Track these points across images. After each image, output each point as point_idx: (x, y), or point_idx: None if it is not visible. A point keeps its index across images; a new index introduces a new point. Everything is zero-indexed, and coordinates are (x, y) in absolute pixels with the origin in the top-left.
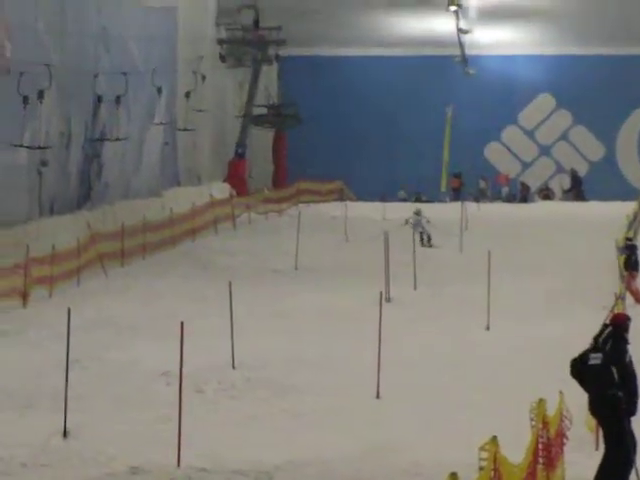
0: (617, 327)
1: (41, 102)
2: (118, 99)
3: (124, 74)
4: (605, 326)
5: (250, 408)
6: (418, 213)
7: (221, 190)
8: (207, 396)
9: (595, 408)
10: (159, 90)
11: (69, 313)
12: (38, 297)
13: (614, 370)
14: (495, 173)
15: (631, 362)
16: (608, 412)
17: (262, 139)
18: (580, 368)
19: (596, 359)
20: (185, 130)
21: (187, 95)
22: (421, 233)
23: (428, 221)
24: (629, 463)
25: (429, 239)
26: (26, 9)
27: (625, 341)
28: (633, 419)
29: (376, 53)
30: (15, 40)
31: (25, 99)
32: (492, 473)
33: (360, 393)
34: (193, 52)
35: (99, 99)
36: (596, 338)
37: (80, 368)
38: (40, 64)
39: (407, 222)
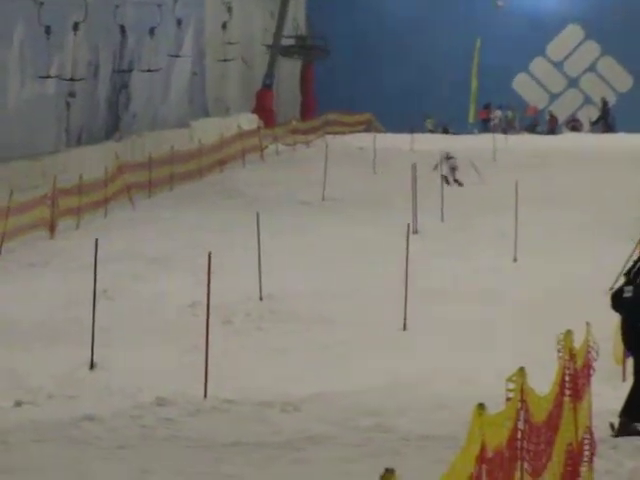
0: None
1: (75, 33)
2: (152, 30)
3: (159, 6)
4: (638, 260)
5: (277, 340)
6: (449, 157)
7: (249, 121)
8: (234, 328)
9: (627, 340)
10: (179, 22)
11: (96, 244)
12: (65, 228)
13: None
14: (523, 105)
15: None
16: (639, 344)
17: (290, 70)
18: (617, 301)
19: (629, 292)
20: (225, 61)
21: (225, 26)
22: (446, 177)
23: (455, 167)
24: None
25: (459, 183)
26: None
27: None
28: None
29: None
30: None
31: (47, 29)
32: (519, 404)
33: (387, 325)
34: None
35: (123, 29)
36: (629, 272)
37: (107, 299)
38: None
39: (436, 168)
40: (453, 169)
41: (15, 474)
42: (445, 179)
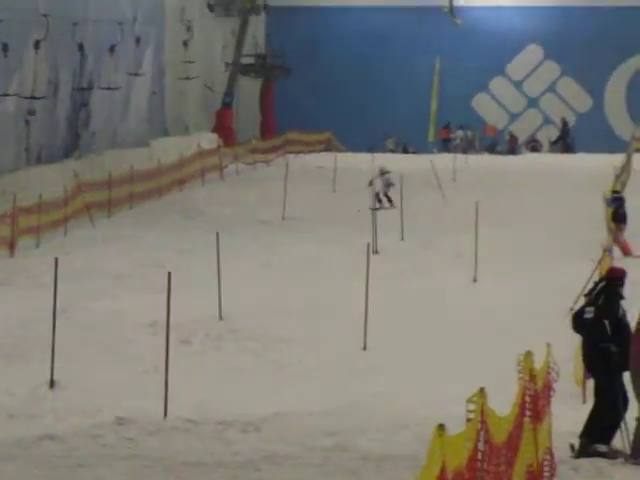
0: (611, 281)
1: (37, 52)
2: (112, 48)
3: (119, 24)
4: (600, 281)
5: (237, 359)
6: (384, 172)
7: (209, 140)
8: (194, 347)
9: (589, 361)
10: (137, 40)
11: (56, 263)
12: (25, 247)
13: (607, 324)
14: (483, 124)
15: (624, 316)
16: (601, 365)
17: (250, 89)
18: (578, 322)
19: (590, 313)
20: (185, 79)
21: (185, 44)
22: (377, 195)
23: (390, 183)
24: (617, 418)
25: (389, 200)
26: None
27: (619, 296)
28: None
29: (365, 3)
30: None
31: (5, 46)
32: (479, 425)
33: (347, 345)
34: (181, 1)
35: (81, 48)
36: (590, 293)
37: (67, 318)
38: (28, 11)
39: (371, 184)
40: (388, 185)
41: None
42: (377, 196)
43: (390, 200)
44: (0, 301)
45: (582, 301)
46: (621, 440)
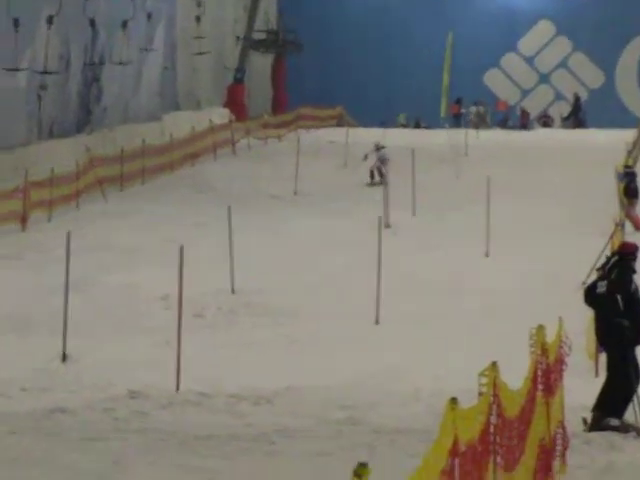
0: (623, 256)
1: (49, 27)
2: (124, 23)
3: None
4: (612, 255)
5: (249, 333)
6: (379, 147)
7: (220, 115)
8: (206, 321)
9: (601, 335)
10: (149, 15)
11: (68, 237)
12: (37, 221)
13: (619, 298)
14: (494, 99)
15: (637, 291)
16: (613, 340)
17: (261, 64)
18: (590, 296)
19: (602, 287)
20: (200, 54)
21: (197, 19)
22: (371, 171)
23: (385, 159)
24: (630, 392)
25: (381, 175)
26: None
27: (632, 270)
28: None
29: None
30: None
31: (16, 21)
32: (492, 399)
33: (359, 319)
34: None
35: (93, 23)
36: (603, 267)
37: (79, 292)
38: None
39: (366, 158)
40: (383, 160)
41: None
42: (371, 173)
43: (382, 175)
44: (12, 275)
45: (594, 275)
46: (633, 414)
